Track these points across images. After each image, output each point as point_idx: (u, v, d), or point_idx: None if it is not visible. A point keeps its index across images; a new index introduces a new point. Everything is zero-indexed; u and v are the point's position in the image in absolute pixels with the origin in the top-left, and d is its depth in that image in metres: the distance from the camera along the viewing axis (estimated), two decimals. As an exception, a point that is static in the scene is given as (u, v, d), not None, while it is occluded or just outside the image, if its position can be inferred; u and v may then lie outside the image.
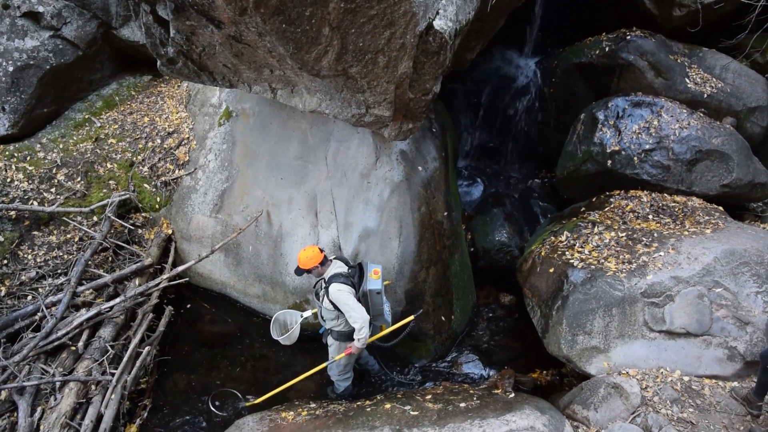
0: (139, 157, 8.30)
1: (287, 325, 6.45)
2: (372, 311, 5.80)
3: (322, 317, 5.96)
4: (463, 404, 5.35)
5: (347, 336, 5.88)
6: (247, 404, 6.29)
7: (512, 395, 5.69)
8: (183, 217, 7.91)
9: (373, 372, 6.85)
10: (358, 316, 5.48)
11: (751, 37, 7.85)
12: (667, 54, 8.14)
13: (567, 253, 6.62)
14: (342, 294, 5.49)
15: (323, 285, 5.74)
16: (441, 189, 7.39)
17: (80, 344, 6.37)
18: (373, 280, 5.79)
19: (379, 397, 5.93)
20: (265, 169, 7.47)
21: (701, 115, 7.65)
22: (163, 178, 8.15)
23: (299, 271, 5.78)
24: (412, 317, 6.02)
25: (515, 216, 8.96)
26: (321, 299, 5.81)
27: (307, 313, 6.35)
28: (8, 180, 7.43)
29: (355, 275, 5.81)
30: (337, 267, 5.79)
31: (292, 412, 5.55)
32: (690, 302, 5.69)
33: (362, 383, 6.75)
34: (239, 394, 6.41)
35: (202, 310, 7.66)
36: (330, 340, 6.08)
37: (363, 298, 5.71)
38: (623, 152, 7.38)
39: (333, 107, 5.81)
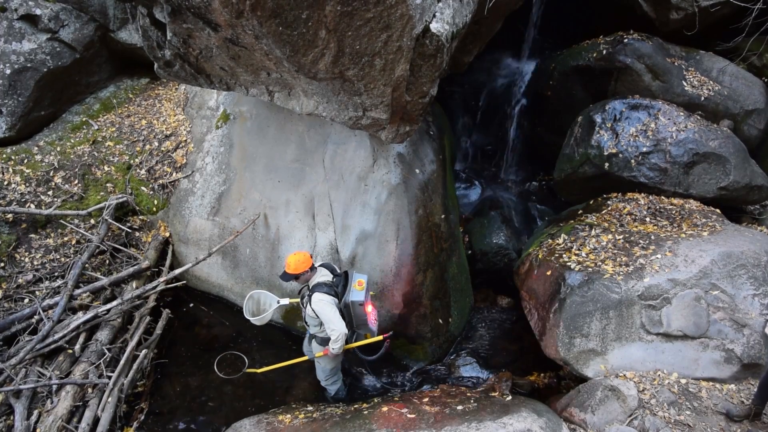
0: (136, 160, 8.30)
1: (260, 305, 6.38)
2: (355, 321, 5.76)
3: (306, 323, 5.95)
4: (460, 407, 5.35)
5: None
6: (248, 370, 6.30)
7: (509, 398, 5.69)
8: (180, 219, 7.90)
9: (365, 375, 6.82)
10: (335, 328, 5.47)
11: (748, 40, 7.84)
12: (664, 57, 8.15)
13: (564, 255, 6.62)
14: (322, 304, 5.48)
15: (307, 292, 5.72)
16: (438, 192, 7.40)
17: (77, 347, 6.37)
18: (357, 291, 5.69)
19: (376, 400, 5.92)
20: (262, 172, 7.47)
21: (698, 117, 7.66)
22: (160, 181, 8.15)
23: (286, 277, 5.68)
24: (381, 337, 5.95)
25: (512, 219, 8.96)
26: (305, 306, 5.78)
27: (285, 301, 6.31)
28: (5, 183, 7.42)
29: (339, 284, 5.74)
30: (322, 275, 5.74)
31: (289, 415, 5.54)
32: (687, 305, 5.69)
33: (359, 386, 6.74)
34: (244, 357, 6.43)
35: (200, 313, 7.65)
36: (315, 346, 6.07)
37: (345, 309, 5.66)
38: (620, 155, 7.38)
39: (330, 110, 5.81)
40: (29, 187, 7.53)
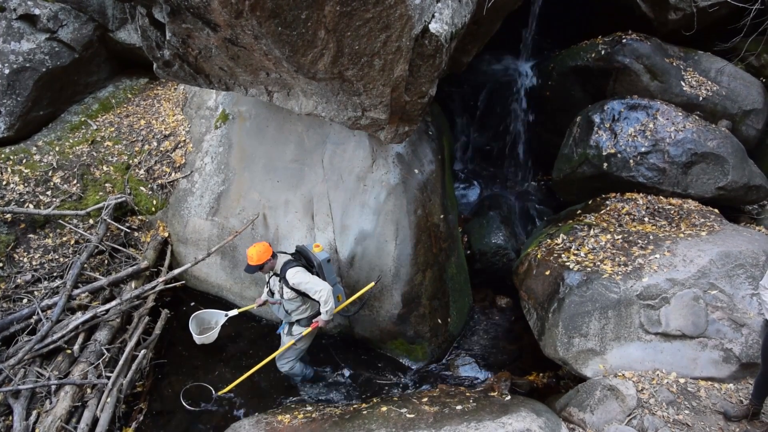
0: (135, 160, 8.30)
1: (204, 324, 6.50)
2: (329, 282, 6.01)
3: (286, 311, 6.01)
4: (459, 407, 5.35)
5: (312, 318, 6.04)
6: (220, 393, 6.27)
7: (509, 398, 5.69)
8: (179, 219, 7.90)
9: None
10: (322, 287, 5.70)
11: (746, 41, 7.86)
12: (662, 57, 8.16)
13: (563, 255, 6.63)
14: (300, 273, 5.69)
15: (277, 279, 5.86)
16: (437, 192, 7.40)
17: (76, 347, 6.36)
18: (320, 252, 6.10)
19: (375, 400, 5.92)
20: (261, 172, 7.47)
21: (697, 118, 7.67)
22: (159, 181, 8.15)
23: (251, 269, 5.80)
24: (372, 283, 6.40)
25: (511, 219, 8.97)
26: (279, 293, 5.88)
27: (233, 312, 6.48)
28: (4, 183, 7.41)
29: (301, 259, 5.97)
30: (284, 257, 5.93)
31: (288, 415, 5.53)
32: (685, 304, 5.70)
33: (358, 386, 6.75)
34: (210, 387, 6.37)
35: (199, 313, 7.64)
36: (296, 330, 6.12)
37: (319, 270, 5.96)
38: (619, 155, 7.39)
39: (329, 110, 5.82)
40: (28, 187, 7.52)
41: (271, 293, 6.06)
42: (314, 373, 6.66)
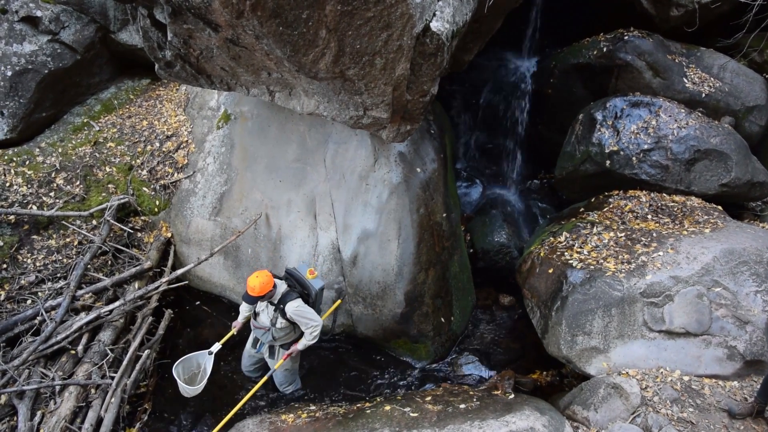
0: (138, 161, 8.31)
1: (188, 371, 6.01)
2: (319, 306, 6.12)
3: (274, 337, 5.87)
4: (462, 406, 5.35)
5: (295, 342, 5.98)
6: None
7: (512, 396, 5.69)
8: (182, 220, 7.91)
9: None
10: (317, 324, 5.69)
11: (748, 37, 7.83)
12: (664, 54, 8.14)
13: (566, 253, 6.62)
14: (301, 308, 5.62)
15: (274, 308, 5.70)
16: (440, 190, 7.40)
17: (80, 348, 6.37)
18: (316, 280, 6.03)
19: (378, 399, 5.93)
20: (263, 172, 7.47)
21: (699, 114, 7.65)
22: (162, 182, 8.16)
23: (252, 299, 5.52)
24: (339, 301, 6.71)
25: (514, 217, 8.96)
26: (272, 321, 5.75)
27: (216, 347, 6.13)
28: (7, 184, 7.43)
29: (296, 285, 5.85)
30: (281, 285, 5.76)
31: (291, 415, 5.55)
32: (689, 302, 5.69)
33: (361, 385, 6.75)
34: None
35: (202, 314, 7.65)
36: (279, 353, 6.06)
37: (315, 300, 5.95)
38: (622, 152, 7.38)
39: (331, 109, 5.82)
40: (31, 189, 7.54)
41: (255, 315, 5.91)
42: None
